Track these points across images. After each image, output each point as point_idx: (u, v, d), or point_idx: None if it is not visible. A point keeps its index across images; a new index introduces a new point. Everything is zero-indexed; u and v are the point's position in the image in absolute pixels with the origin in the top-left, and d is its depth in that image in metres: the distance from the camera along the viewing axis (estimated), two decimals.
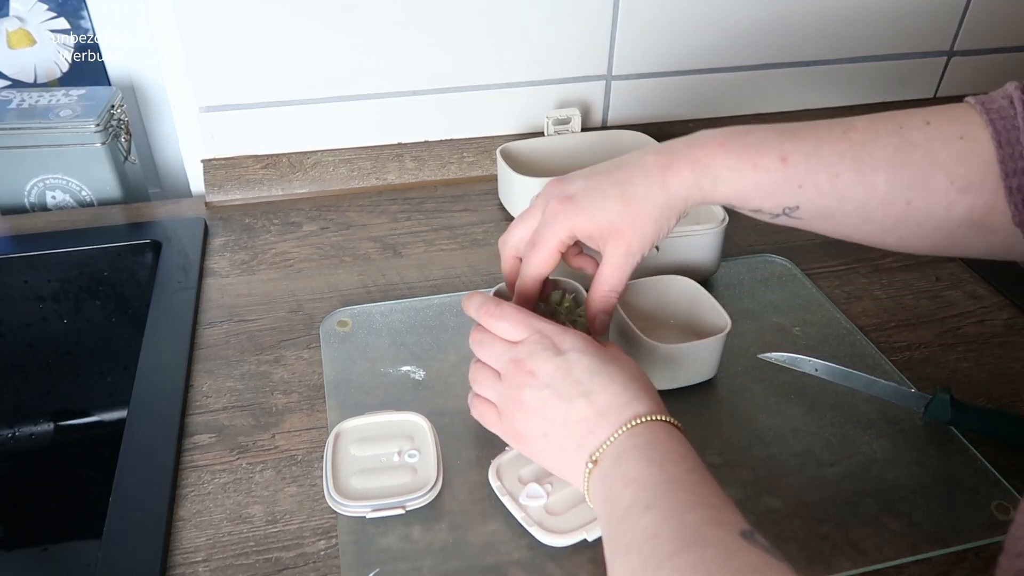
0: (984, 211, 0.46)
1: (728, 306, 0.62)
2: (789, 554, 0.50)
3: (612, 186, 0.51)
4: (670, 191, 0.50)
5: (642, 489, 0.41)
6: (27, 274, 0.76)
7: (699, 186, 0.49)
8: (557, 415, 0.47)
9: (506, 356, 0.50)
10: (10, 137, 0.77)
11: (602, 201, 0.51)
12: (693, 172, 0.49)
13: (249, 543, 0.50)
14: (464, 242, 0.80)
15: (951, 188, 0.46)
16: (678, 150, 0.50)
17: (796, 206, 0.49)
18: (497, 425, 0.52)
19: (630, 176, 0.51)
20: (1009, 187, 0.44)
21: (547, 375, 0.48)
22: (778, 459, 0.57)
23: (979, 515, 0.53)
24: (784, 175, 0.48)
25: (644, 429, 0.44)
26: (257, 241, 0.79)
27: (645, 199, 0.50)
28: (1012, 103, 0.45)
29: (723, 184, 0.49)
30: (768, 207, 0.50)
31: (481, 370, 0.53)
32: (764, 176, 0.48)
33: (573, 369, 0.47)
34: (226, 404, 0.60)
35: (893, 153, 0.47)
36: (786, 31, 0.94)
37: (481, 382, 0.53)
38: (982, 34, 1.01)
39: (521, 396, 0.48)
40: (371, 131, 0.88)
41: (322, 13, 0.80)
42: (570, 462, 0.47)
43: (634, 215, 0.50)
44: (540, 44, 0.87)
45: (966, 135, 0.46)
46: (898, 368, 0.65)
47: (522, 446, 0.50)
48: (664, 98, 0.95)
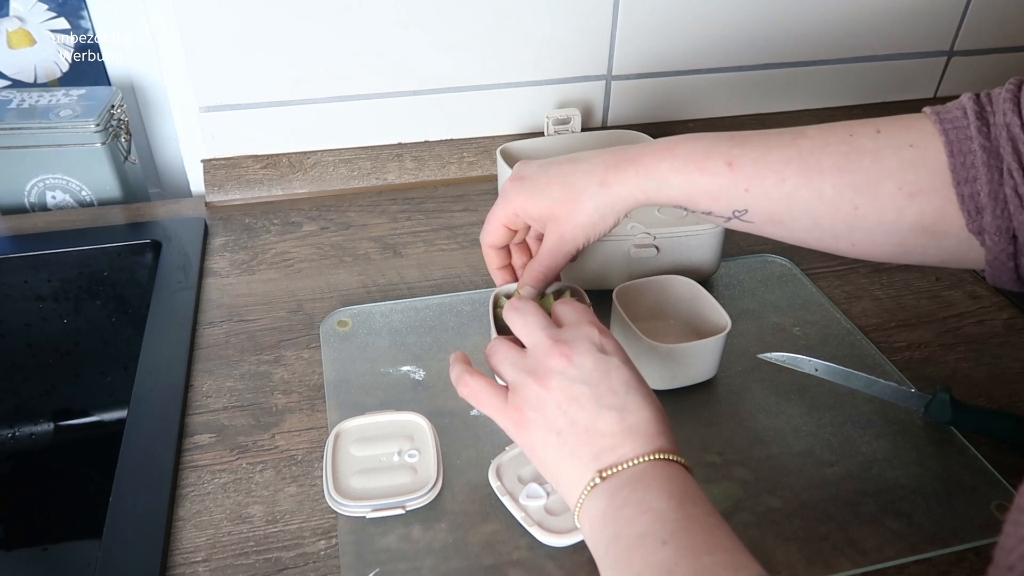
0: (935, 217, 0.46)
1: (728, 306, 0.62)
2: (789, 554, 0.50)
3: (558, 175, 0.53)
4: (609, 189, 0.51)
5: (659, 521, 0.39)
6: (27, 274, 0.76)
7: (642, 188, 0.51)
8: (580, 418, 0.43)
9: (544, 331, 0.47)
10: (10, 137, 0.77)
11: (546, 186, 0.53)
12: (636, 175, 0.51)
13: (249, 543, 0.50)
14: (464, 242, 0.80)
15: (899, 193, 0.46)
16: (627, 153, 0.52)
17: (744, 210, 0.50)
18: (497, 404, 0.47)
19: (576, 169, 0.53)
20: (961, 195, 0.45)
21: (586, 369, 0.44)
22: (778, 459, 0.57)
23: (979, 515, 0.53)
24: (731, 178, 0.49)
25: (665, 465, 0.42)
26: (257, 241, 0.79)
27: (583, 192, 0.52)
28: (965, 113, 0.46)
29: (669, 187, 0.50)
30: (717, 210, 0.50)
31: (504, 345, 0.49)
32: (711, 180, 0.49)
33: (612, 375, 0.45)
34: (226, 404, 0.60)
35: (841, 160, 0.47)
36: (786, 31, 0.94)
37: (501, 354, 0.48)
38: (982, 34, 1.01)
39: (548, 379, 0.44)
40: (371, 131, 0.88)
41: (322, 13, 0.80)
42: (574, 470, 0.43)
43: (571, 205, 0.52)
44: (540, 44, 0.87)
45: (916, 143, 0.46)
46: (898, 368, 0.65)
47: (522, 435, 0.46)
48: (664, 98, 0.95)
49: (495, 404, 0.47)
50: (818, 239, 0.50)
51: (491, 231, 0.57)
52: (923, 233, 0.47)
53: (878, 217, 0.47)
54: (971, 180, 0.44)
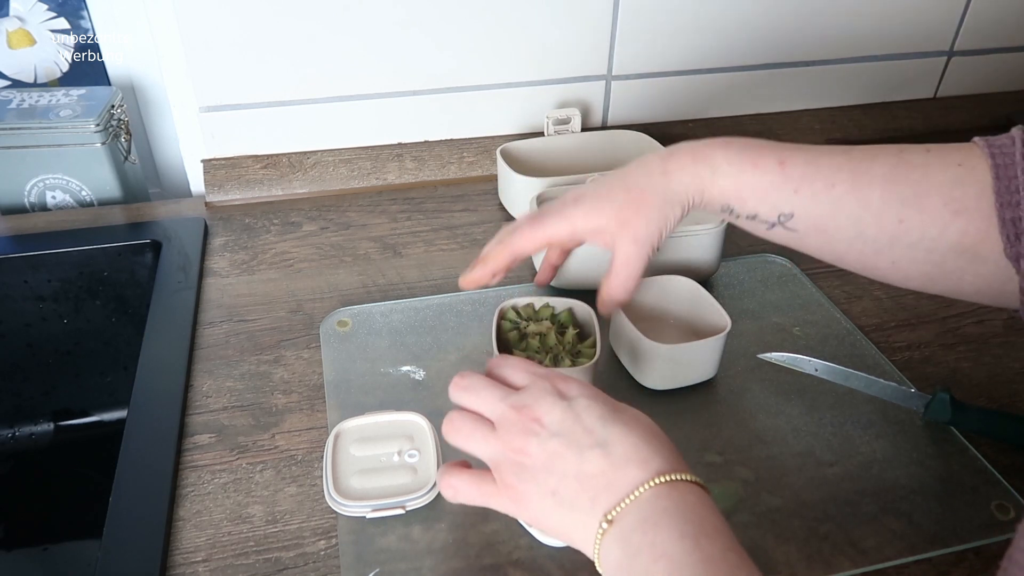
0: (976, 237, 0.46)
1: (728, 306, 0.62)
2: (789, 554, 0.50)
3: (616, 183, 0.53)
4: (670, 176, 0.51)
5: (676, 568, 0.37)
6: (27, 274, 0.76)
7: (698, 174, 0.51)
8: (568, 468, 0.41)
9: (504, 402, 0.45)
10: (10, 137, 0.77)
11: (607, 194, 0.53)
12: (693, 160, 0.51)
13: (249, 543, 0.50)
14: (464, 242, 0.80)
15: (944, 210, 0.46)
16: (680, 145, 0.53)
17: (791, 213, 0.50)
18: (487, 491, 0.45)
19: (631, 171, 0.53)
20: (1003, 218, 0.45)
21: (555, 423, 0.43)
22: (778, 459, 0.57)
23: (979, 515, 0.53)
24: (781, 177, 0.49)
25: (670, 489, 0.40)
26: (257, 241, 0.79)
27: (647, 187, 0.52)
28: (1014, 141, 0.46)
29: (721, 176, 0.50)
30: (763, 212, 0.50)
31: (468, 421, 0.45)
32: (761, 176, 0.50)
33: (583, 417, 0.43)
34: (226, 404, 0.60)
35: (890, 170, 0.47)
36: (786, 31, 0.94)
37: (469, 435, 0.45)
38: (982, 34, 1.01)
39: (526, 448, 0.43)
40: (371, 131, 0.88)
41: (322, 13, 0.80)
42: (581, 522, 0.41)
43: (638, 201, 0.52)
44: (540, 44, 0.87)
45: (964, 163, 0.46)
46: (898, 368, 0.65)
47: (523, 509, 0.44)
48: (664, 98, 0.95)
49: (486, 492, 0.45)
50: (859, 252, 0.50)
51: (530, 240, 0.55)
52: (962, 254, 0.47)
53: (921, 231, 0.47)
54: (1013, 205, 0.44)
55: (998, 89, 1.08)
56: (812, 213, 0.49)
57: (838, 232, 0.49)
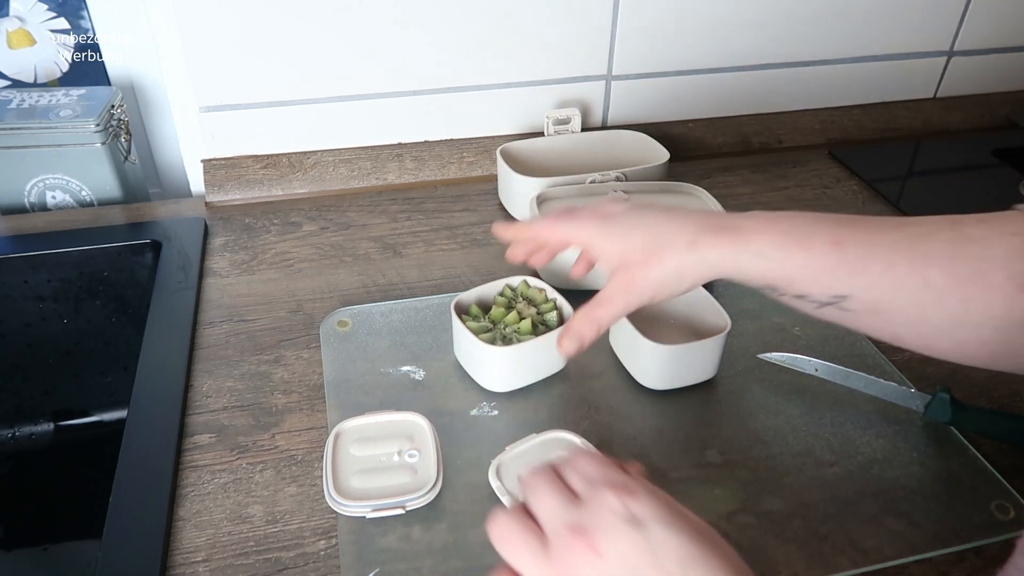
0: None
1: (728, 306, 0.62)
2: (789, 554, 0.50)
3: (647, 223, 0.50)
4: (697, 253, 0.48)
5: None
6: (27, 274, 0.76)
7: (736, 260, 0.47)
8: None
9: (561, 519, 0.37)
10: (10, 137, 0.77)
11: (631, 230, 0.50)
12: (733, 244, 0.47)
13: (249, 543, 0.50)
14: (464, 242, 0.80)
15: (1009, 284, 0.43)
16: (725, 220, 0.49)
17: (845, 295, 0.46)
18: None
19: (668, 220, 0.50)
20: None
21: (619, 554, 0.35)
22: (778, 459, 0.57)
23: (979, 515, 0.53)
24: (836, 259, 0.45)
25: None
26: (257, 241, 0.79)
27: (668, 247, 0.49)
28: None
29: (767, 261, 0.47)
30: (814, 293, 0.47)
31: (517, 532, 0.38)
32: (814, 258, 0.46)
33: (658, 553, 0.35)
34: (226, 404, 0.60)
35: (949, 247, 0.44)
36: (786, 31, 0.94)
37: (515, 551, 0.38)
38: (982, 34, 1.01)
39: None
40: (371, 131, 0.88)
41: (322, 13, 0.80)
42: None
43: (650, 256, 0.49)
44: (540, 44, 0.87)
45: (1019, 232, 0.43)
46: (898, 368, 0.65)
47: None
48: (664, 98, 0.95)
49: None
50: (919, 334, 0.46)
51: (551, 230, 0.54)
52: None
53: (988, 310, 0.43)
54: None
55: (998, 89, 1.08)
56: (870, 295, 0.45)
57: (897, 313, 0.46)
